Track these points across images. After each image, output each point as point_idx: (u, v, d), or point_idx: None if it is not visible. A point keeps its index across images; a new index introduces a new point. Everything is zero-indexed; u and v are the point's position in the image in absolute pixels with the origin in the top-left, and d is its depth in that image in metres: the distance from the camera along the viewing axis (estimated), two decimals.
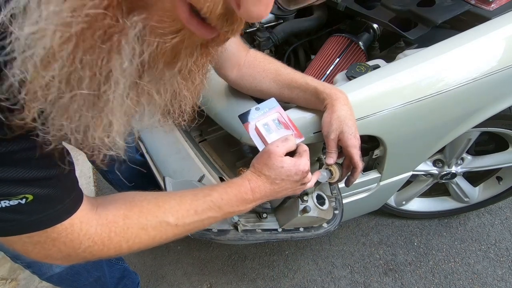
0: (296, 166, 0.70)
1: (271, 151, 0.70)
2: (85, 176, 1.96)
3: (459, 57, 0.94)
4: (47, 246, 0.52)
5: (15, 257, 0.96)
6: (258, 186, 0.69)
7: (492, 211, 1.73)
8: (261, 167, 0.70)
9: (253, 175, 0.70)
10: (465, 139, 1.23)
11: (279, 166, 0.69)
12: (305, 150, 0.74)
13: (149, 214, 0.60)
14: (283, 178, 0.70)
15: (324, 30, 1.33)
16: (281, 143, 0.71)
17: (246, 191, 0.69)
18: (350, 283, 1.53)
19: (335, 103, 0.83)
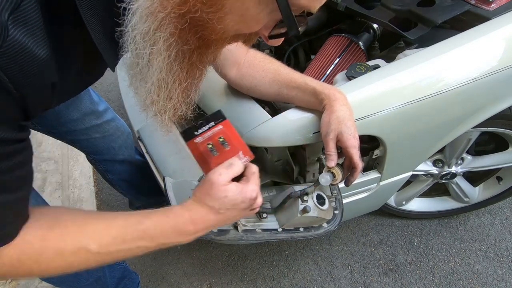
0: (243, 193, 0.63)
1: (212, 181, 0.62)
2: (85, 176, 1.96)
3: (459, 57, 0.94)
4: None
5: None
6: (201, 217, 0.62)
7: (492, 211, 1.73)
8: (203, 197, 0.62)
9: (195, 205, 0.63)
10: (465, 139, 1.23)
11: (223, 196, 0.62)
12: (253, 172, 0.67)
13: (69, 238, 0.55)
14: (228, 207, 0.63)
15: (324, 30, 1.33)
16: (224, 170, 0.63)
17: (186, 223, 0.62)
18: (350, 283, 1.53)
19: (333, 104, 0.82)
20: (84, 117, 1.12)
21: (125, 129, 1.31)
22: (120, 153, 1.32)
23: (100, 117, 1.18)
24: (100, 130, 1.19)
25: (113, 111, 1.26)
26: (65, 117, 1.08)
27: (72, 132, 1.13)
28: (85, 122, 1.13)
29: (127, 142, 1.33)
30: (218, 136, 0.71)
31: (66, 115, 1.08)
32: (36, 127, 1.08)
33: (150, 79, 0.51)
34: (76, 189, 1.88)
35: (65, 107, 1.06)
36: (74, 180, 1.94)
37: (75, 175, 1.96)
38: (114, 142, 1.26)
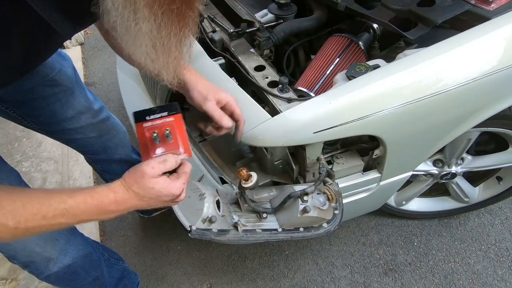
0: (168, 189, 0.68)
1: (144, 171, 0.67)
2: (85, 176, 1.96)
3: (459, 57, 0.94)
4: None
5: (12, 257, 0.96)
6: (124, 199, 0.67)
7: (492, 211, 1.73)
8: (132, 183, 0.67)
9: (121, 187, 0.67)
10: (465, 139, 1.23)
11: (150, 187, 0.67)
12: (185, 172, 0.71)
13: None
14: (152, 197, 0.68)
15: (324, 30, 1.33)
16: (157, 164, 0.68)
17: (110, 203, 0.66)
18: (350, 283, 1.53)
19: (191, 78, 0.83)
20: (79, 115, 1.12)
21: (120, 128, 1.31)
22: (117, 153, 1.31)
23: (95, 115, 1.17)
24: (96, 129, 1.19)
25: (108, 110, 1.26)
26: (61, 115, 1.08)
27: (68, 131, 1.13)
28: (80, 121, 1.13)
29: (123, 141, 1.33)
30: (165, 127, 0.74)
31: (61, 113, 1.08)
32: (32, 125, 1.08)
33: (143, 42, 0.52)
34: None
35: (60, 105, 1.06)
36: (74, 180, 1.94)
37: (75, 175, 1.96)
38: (110, 141, 1.26)
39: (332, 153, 1.12)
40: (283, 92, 1.02)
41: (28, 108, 1.02)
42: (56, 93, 1.03)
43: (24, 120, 1.06)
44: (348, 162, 1.11)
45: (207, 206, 0.89)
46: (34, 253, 0.95)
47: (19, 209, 0.59)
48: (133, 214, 1.83)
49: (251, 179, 0.90)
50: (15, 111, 1.02)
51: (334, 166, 1.10)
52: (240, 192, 0.98)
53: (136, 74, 1.56)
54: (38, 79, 0.98)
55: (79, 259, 1.07)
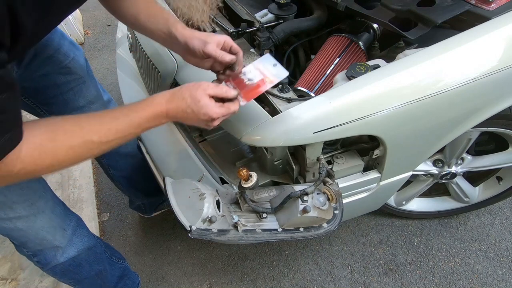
0: (209, 108, 0.76)
1: (200, 84, 0.77)
2: (85, 176, 1.96)
3: (459, 57, 0.94)
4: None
5: (22, 245, 0.98)
6: (173, 108, 0.76)
7: (492, 211, 1.73)
8: (185, 91, 0.76)
9: (174, 97, 0.76)
10: (465, 139, 1.23)
11: (198, 99, 0.75)
12: (229, 107, 0.79)
13: (75, 135, 0.66)
14: (194, 110, 0.76)
15: (324, 30, 1.33)
16: (212, 85, 0.78)
17: (162, 111, 0.75)
18: (350, 283, 1.53)
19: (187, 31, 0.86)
20: (89, 105, 1.15)
21: None
22: (124, 146, 1.32)
23: (105, 106, 1.21)
24: None
25: (115, 102, 1.29)
26: (72, 104, 1.10)
27: None
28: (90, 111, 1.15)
29: None
30: (253, 77, 0.87)
31: (73, 102, 1.10)
32: (45, 114, 1.10)
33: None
34: (76, 189, 1.88)
35: (73, 94, 1.09)
36: (74, 180, 1.94)
37: (75, 175, 1.96)
38: None
39: (332, 153, 1.12)
40: (283, 92, 1.02)
41: (42, 95, 1.04)
42: (69, 81, 1.06)
43: (37, 108, 1.08)
44: (348, 162, 1.11)
45: (207, 206, 0.89)
46: (45, 241, 0.98)
47: (96, 127, 0.69)
48: (133, 214, 1.83)
49: (251, 179, 0.90)
50: (29, 99, 1.04)
51: (334, 166, 1.10)
52: (240, 192, 0.98)
53: (136, 74, 1.56)
54: (52, 66, 1.01)
55: (83, 251, 1.09)
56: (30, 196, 0.91)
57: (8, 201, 0.86)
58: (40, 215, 0.94)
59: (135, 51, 1.45)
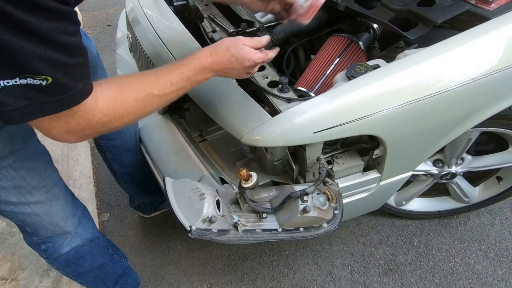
0: (252, 54, 0.84)
1: (239, 38, 0.85)
2: (85, 176, 1.96)
3: (459, 57, 0.94)
4: (68, 120, 0.64)
5: (34, 232, 0.99)
6: (218, 59, 0.82)
7: (492, 211, 1.73)
8: (228, 43, 0.83)
9: (217, 49, 0.83)
10: (465, 139, 1.23)
11: (240, 47, 0.83)
12: (266, 53, 0.89)
13: (138, 89, 0.73)
14: (238, 58, 0.83)
15: (324, 30, 1.33)
16: (248, 38, 0.87)
17: (208, 63, 0.81)
18: (350, 283, 1.53)
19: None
20: None
21: None
22: (130, 139, 1.34)
23: None
24: None
25: None
26: None
27: None
28: None
29: (137, 129, 1.38)
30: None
31: None
32: None
33: None
34: (76, 189, 1.88)
35: None
36: (74, 180, 1.94)
37: (75, 175, 1.96)
38: (126, 127, 1.29)
39: (332, 153, 1.12)
40: (283, 92, 1.02)
41: None
42: None
43: None
44: (348, 162, 1.11)
45: (207, 206, 0.89)
46: (57, 227, 1.01)
47: (155, 81, 0.75)
48: (133, 214, 1.83)
49: (251, 179, 0.90)
50: None
51: (334, 166, 1.10)
52: (240, 192, 0.98)
53: None
54: None
55: (87, 242, 1.10)
56: (48, 182, 0.94)
57: (28, 186, 0.89)
58: (55, 201, 0.97)
59: (135, 51, 1.45)
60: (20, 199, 0.89)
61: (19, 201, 0.89)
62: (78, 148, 2.08)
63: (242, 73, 0.88)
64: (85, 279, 1.21)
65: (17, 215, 0.93)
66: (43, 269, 1.56)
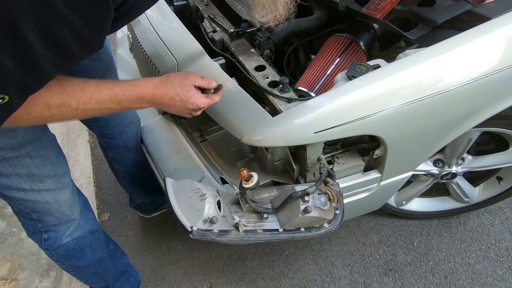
0: (197, 98, 0.82)
1: (189, 75, 0.83)
2: (85, 176, 1.96)
3: (459, 57, 0.94)
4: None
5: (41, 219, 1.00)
6: (160, 94, 0.79)
7: (492, 211, 1.73)
8: (174, 81, 0.80)
9: (162, 84, 0.79)
10: (466, 139, 1.24)
11: (186, 89, 0.81)
12: (213, 98, 0.87)
13: (54, 94, 0.67)
14: (182, 99, 0.81)
15: (324, 30, 1.33)
16: (199, 77, 0.84)
17: (147, 95, 0.78)
18: (350, 283, 1.53)
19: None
20: None
21: (136, 115, 1.34)
22: (131, 139, 1.34)
23: None
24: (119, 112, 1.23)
25: None
26: None
27: None
28: None
29: (138, 128, 1.38)
30: None
31: None
32: None
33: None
34: None
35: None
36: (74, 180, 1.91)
37: (75, 175, 1.95)
38: (127, 127, 1.30)
39: (332, 153, 1.12)
40: (284, 92, 1.02)
41: None
42: (97, 67, 1.08)
43: None
44: (348, 162, 1.11)
45: (208, 206, 0.89)
46: (64, 215, 1.02)
47: (78, 93, 0.70)
48: (133, 214, 1.82)
49: (252, 179, 0.90)
50: None
51: (335, 166, 1.10)
52: (241, 193, 0.98)
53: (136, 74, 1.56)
54: None
55: (87, 233, 1.11)
56: (59, 171, 0.95)
57: (41, 174, 0.90)
58: (64, 189, 0.98)
59: (135, 51, 1.45)
60: (32, 186, 0.90)
61: (30, 188, 0.90)
62: (78, 148, 2.08)
63: (184, 112, 0.86)
64: (84, 274, 1.21)
65: (27, 201, 0.94)
66: (43, 269, 1.56)
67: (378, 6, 1.12)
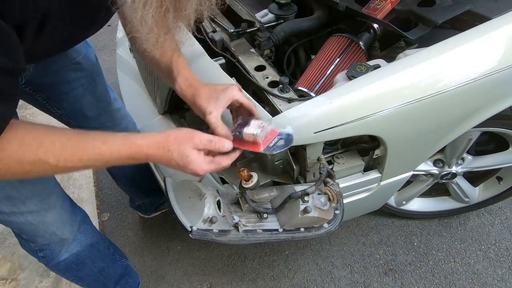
0: (197, 165, 0.70)
1: (193, 138, 0.71)
2: (85, 176, 1.96)
3: (459, 57, 0.94)
4: None
5: (31, 239, 0.98)
6: (155, 155, 0.70)
7: (492, 211, 1.73)
8: (173, 142, 0.70)
9: (159, 146, 0.69)
10: (466, 139, 1.23)
11: (186, 154, 0.69)
12: (219, 162, 0.74)
13: (28, 150, 0.60)
14: (179, 163, 0.70)
15: (324, 30, 1.33)
16: (205, 138, 0.72)
17: (140, 156, 0.69)
18: (350, 283, 1.53)
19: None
20: (98, 103, 1.14)
21: (131, 119, 1.33)
22: None
23: (111, 104, 1.20)
24: (111, 118, 1.21)
25: (120, 100, 1.28)
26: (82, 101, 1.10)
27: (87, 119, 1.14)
28: (98, 109, 1.15)
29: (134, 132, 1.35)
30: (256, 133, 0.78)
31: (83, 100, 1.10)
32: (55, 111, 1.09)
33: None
34: (76, 189, 1.88)
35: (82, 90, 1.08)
36: (74, 180, 1.94)
37: (75, 175, 1.95)
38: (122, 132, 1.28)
39: (332, 153, 1.12)
40: (284, 92, 1.02)
41: (53, 92, 1.03)
42: (79, 77, 1.05)
43: (48, 105, 1.07)
44: (348, 162, 1.11)
45: (208, 206, 0.89)
46: (54, 236, 0.99)
47: (58, 149, 0.62)
48: (133, 214, 1.82)
49: (252, 179, 0.90)
50: (41, 95, 1.03)
51: (335, 166, 1.09)
52: (240, 193, 0.97)
53: (136, 75, 1.56)
54: (64, 62, 1.00)
55: (87, 247, 1.10)
56: (42, 191, 0.91)
57: (21, 196, 0.86)
58: (51, 210, 0.95)
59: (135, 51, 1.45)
60: (12, 209, 0.86)
61: (10, 211, 0.86)
62: None
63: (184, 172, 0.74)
64: (85, 281, 1.21)
65: (12, 223, 0.91)
66: (43, 269, 1.56)
67: (378, 6, 1.12)
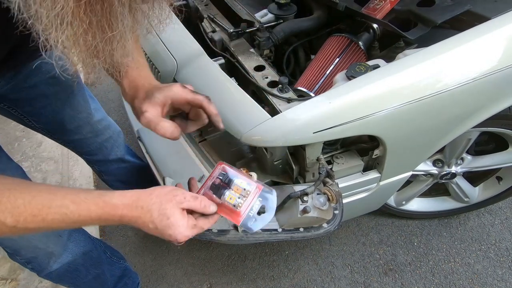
0: (178, 230, 0.62)
1: (176, 196, 0.63)
2: (85, 176, 1.96)
3: (459, 57, 0.94)
4: None
5: (15, 252, 0.96)
6: (131, 216, 0.62)
7: (492, 211, 1.73)
8: (154, 203, 0.62)
9: (137, 205, 0.62)
10: (465, 139, 1.23)
11: (167, 216, 0.61)
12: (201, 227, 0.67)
13: None
14: (158, 227, 0.62)
15: (324, 30, 1.33)
16: (190, 196, 0.65)
17: (113, 217, 0.61)
18: (350, 283, 1.53)
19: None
20: (77, 114, 1.11)
21: (115, 128, 1.29)
22: (112, 153, 1.31)
23: (92, 115, 1.16)
24: (93, 129, 1.18)
25: (103, 110, 1.24)
26: (61, 114, 1.07)
27: (67, 131, 1.12)
28: (79, 120, 1.12)
29: (118, 141, 1.32)
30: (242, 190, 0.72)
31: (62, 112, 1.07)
32: (33, 124, 1.08)
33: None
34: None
35: (61, 104, 1.05)
36: (74, 180, 1.94)
37: (75, 175, 1.96)
38: (106, 142, 1.25)
39: (331, 153, 1.12)
40: (283, 92, 1.02)
41: (30, 106, 1.01)
42: (57, 91, 1.02)
43: (25, 119, 1.05)
44: (348, 162, 1.11)
45: None
46: (37, 249, 0.96)
47: (19, 208, 0.55)
48: None
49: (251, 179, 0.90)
50: (17, 110, 1.01)
51: (334, 166, 1.10)
52: None
53: None
54: (40, 76, 0.97)
55: (79, 256, 1.08)
56: None
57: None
58: None
59: None
60: None
61: None
62: None
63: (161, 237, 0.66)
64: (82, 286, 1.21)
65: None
66: None
67: (377, 6, 1.12)
